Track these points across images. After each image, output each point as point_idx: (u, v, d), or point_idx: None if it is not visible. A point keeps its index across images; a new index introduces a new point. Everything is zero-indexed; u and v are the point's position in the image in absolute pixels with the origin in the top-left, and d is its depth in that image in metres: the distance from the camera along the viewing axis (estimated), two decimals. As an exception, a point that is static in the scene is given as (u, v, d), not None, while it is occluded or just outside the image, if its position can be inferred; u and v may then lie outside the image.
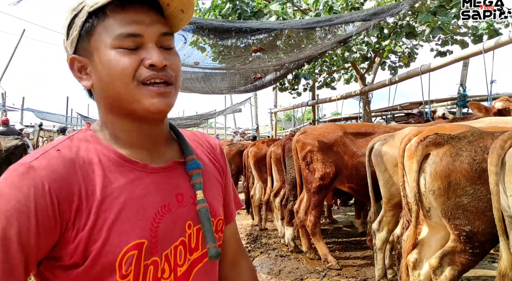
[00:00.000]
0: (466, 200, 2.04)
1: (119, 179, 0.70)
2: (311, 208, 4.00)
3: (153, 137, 0.78)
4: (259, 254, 4.59)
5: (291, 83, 8.11)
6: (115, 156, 0.72)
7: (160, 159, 0.78)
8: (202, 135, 0.97)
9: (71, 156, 0.68)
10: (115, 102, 0.72)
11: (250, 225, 6.21)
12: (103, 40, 0.70)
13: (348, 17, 3.80)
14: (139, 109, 0.71)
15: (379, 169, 3.15)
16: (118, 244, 0.66)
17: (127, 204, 0.69)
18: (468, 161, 2.04)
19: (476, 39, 4.87)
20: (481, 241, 2.05)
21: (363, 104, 7.03)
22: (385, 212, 3.18)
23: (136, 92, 0.70)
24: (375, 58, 6.56)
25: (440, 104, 7.81)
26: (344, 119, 11.50)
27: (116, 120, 0.75)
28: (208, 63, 5.39)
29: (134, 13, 0.69)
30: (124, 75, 0.69)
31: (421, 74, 4.75)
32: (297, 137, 4.14)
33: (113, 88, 0.70)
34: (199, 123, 20.08)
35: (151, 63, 0.69)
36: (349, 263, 4.10)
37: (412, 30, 4.83)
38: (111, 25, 0.69)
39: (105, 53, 0.70)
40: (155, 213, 0.71)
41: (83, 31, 0.71)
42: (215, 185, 0.88)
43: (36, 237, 0.61)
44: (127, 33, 0.69)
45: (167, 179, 0.76)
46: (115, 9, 0.69)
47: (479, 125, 2.61)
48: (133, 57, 0.69)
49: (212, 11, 5.91)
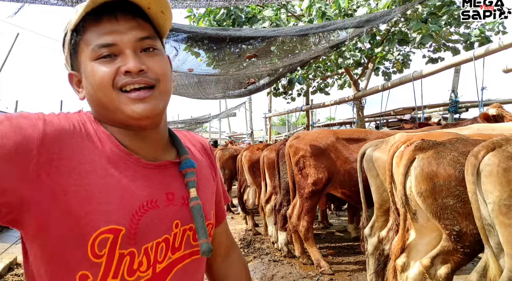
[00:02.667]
0: (452, 201, 2.11)
1: (110, 163, 0.71)
2: (304, 213, 4.00)
3: (148, 143, 0.79)
4: (253, 259, 4.58)
5: (285, 88, 8.15)
6: (111, 144, 0.73)
7: (156, 157, 0.79)
8: (192, 135, 0.98)
9: (73, 122, 0.72)
10: (103, 111, 0.75)
11: (243, 230, 6.21)
12: (85, 53, 0.73)
13: (341, 24, 3.84)
14: (122, 116, 0.73)
15: (370, 175, 3.16)
16: (94, 222, 0.66)
17: (111, 188, 0.69)
18: (452, 164, 2.13)
19: (468, 46, 4.94)
20: (471, 241, 2.10)
21: (356, 110, 7.09)
22: (376, 217, 3.19)
23: (116, 100, 0.72)
24: (368, 64, 6.62)
25: (433, 109, 7.88)
26: (338, 124, 11.55)
27: (109, 127, 0.76)
28: (202, 69, 5.40)
29: (108, 24, 0.72)
30: (103, 85, 0.71)
31: (413, 80, 4.81)
32: (290, 142, 4.16)
33: (98, 98, 0.73)
34: (193, 128, 20.06)
35: (126, 69, 0.71)
36: (341, 268, 4.11)
37: (405, 37, 4.90)
38: (89, 38, 0.72)
39: (87, 65, 0.73)
40: (139, 206, 0.72)
41: (71, 48, 0.76)
42: (209, 186, 0.89)
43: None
44: (102, 44, 0.71)
45: (158, 176, 0.77)
46: (91, 23, 0.72)
47: (467, 132, 2.67)
48: (109, 66, 0.71)
49: (206, 16, 5.94)
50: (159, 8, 0.74)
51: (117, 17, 0.72)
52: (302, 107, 9.43)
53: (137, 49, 0.73)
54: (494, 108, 3.34)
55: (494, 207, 1.78)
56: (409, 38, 4.97)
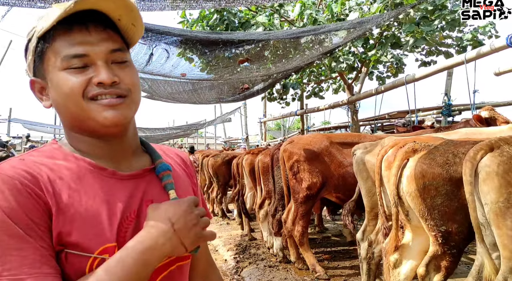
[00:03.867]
0: (439, 200, 2.16)
1: (88, 185, 0.71)
2: (299, 218, 3.99)
3: (118, 150, 0.79)
4: (248, 265, 4.55)
5: (279, 93, 8.17)
6: (83, 163, 0.74)
7: (129, 168, 0.79)
8: (169, 149, 0.98)
9: (36, 162, 0.70)
10: (72, 120, 0.75)
11: (239, 235, 6.17)
12: (52, 62, 0.72)
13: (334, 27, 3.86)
14: (94, 124, 0.73)
15: (361, 177, 3.16)
16: (89, 247, 0.67)
17: (96, 209, 0.70)
18: (441, 164, 2.19)
19: (461, 50, 4.98)
20: (456, 241, 2.16)
21: (351, 113, 7.11)
22: (368, 221, 3.18)
23: (87, 109, 0.72)
24: (361, 68, 6.65)
25: (426, 113, 7.92)
26: (333, 128, 11.58)
27: (78, 136, 0.77)
28: (196, 74, 5.40)
29: (79, 34, 0.72)
30: (74, 94, 0.71)
31: (406, 83, 4.83)
32: (284, 146, 4.15)
33: (67, 107, 0.73)
34: (189, 133, 20.01)
35: (99, 81, 0.71)
36: (337, 272, 4.08)
37: (397, 40, 4.92)
38: (58, 48, 0.71)
39: (56, 74, 0.72)
40: (123, 219, 0.72)
41: (36, 56, 0.75)
42: (188, 191, 0.88)
43: (34, 221, 0.63)
44: (73, 54, 0.71)
45: (136, 186, 0.77)
46: (61, 32, 0.71)
47: (456, 136, 2.73)
48: (80, 76, 0.71)
49: (199, 21, 5.95)
50: (130, 21, 0.75)
51: (88, 27, 0.72)
52: (296, 112, 9.45)
53: (108, 61, 0.74)
54: (486, 110, 3.37)
55: (490, 209, 1.80)
56: (401, 41, 5.00)
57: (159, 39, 3.59)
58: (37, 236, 0.63)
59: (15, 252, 0.59)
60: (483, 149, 1.88)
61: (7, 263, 0.58)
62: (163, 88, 6.50)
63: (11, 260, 0.59)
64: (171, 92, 6.79)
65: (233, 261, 4.72)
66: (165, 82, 6.17)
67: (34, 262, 0.60)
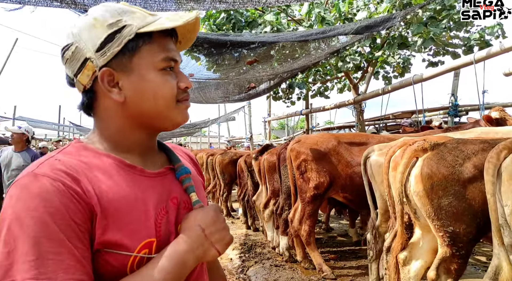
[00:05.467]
0: (447, 201, 2.14)
1: (121, 182, 0.74)
2: (306, 218, 3.99)
3: (150, 146, 0.85)
4: (254, 264, 4.55)
5: (285, 92, 8.16)
6: (114, 161, 0.76)
7: (154, 165, 0.84)
8: (178, 147, 1.03)
9: (72, 162, 0.71)
10: (151, 117, 0.79)
11: (244, 234, 6.18)
12: (147, 60, 0.77)
13: (341, 30, 3.85)
14: (170, 123, 0.81)
15: (375, 180, 3.16)
16: (130, 245, 0.70)
17: (132, 205, 0.72)
18: (450, 165, 2.17)
19: (467, 50, 4.95)
20: (464, 242, 2.14)
21: (356, 113, 7.09)
22: (380, 222, 3.18)
23: (174, 109, 0.80)
24: (368, 68, 6.63)
25: (432, 113, 7.89)
26: (338, 128, 11.55)
27: (132, 131, 0.80)
28: (203, 74, 5.41)
29: (171, 43, 0.81)
30: (169, 95, 0.78)
31: (414, 83, 4.81)
32: (291, 146, 4.15)
33: (157, 105, 0.78)
34: (192, 132, 20.02)
35: (187, 86, 0.81)
36: (344, 272, 4.08)
37: (404, 41, 4.91)
38: (157, 49, 0.77)
39: (150, 72, 0.77)
40: (156, 214, 0.76)
41: (126, 49, 0.75)
42: (202, 191, 0.95)
43: (76, 224, 0.64)
44: (171, 58, 0.79)
45: (162, 184, 0.81)
46: (161, 36, 0.79)
47: (471, 135, 2.68)
48: (173, 80, 0.80)
49: (206, 20, 5.96)
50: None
51: (178, 39, 0.85)
52: (301, 111, 9.43)
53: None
54: (496, 111, 3.34)
55: None
56: (409, 42, 4.98)
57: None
58: (76, 239, 0.64)
59: (52, 256, 0.60)
60: (507, 148, 1.84)
61: (43, 266, 0.59)
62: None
63: (48, 264, 0.59)
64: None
65: (239, 260, 4.73)
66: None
67: (69, 267, 0.61)
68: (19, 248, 0.59)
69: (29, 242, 0.59)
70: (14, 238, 0.60)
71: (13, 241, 0.60)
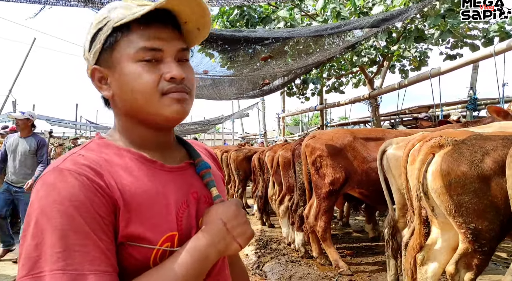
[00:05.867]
0: (467, 198, 2.10)
1: (142, 177, 0.74)
2: (321, 214, 3.97)
3: (164, 141, 0.84)
4: (269, 260, 4.57)
5: (299, 88, 8.11)
6: (135, 156, 0.77)
7: (173, 160, 0.84)
8: (197, 143, 1.03)
9: (94, 157, 0.72)
10: (135, 112, 0.78)
11: (259, 230, 6.20)
12: (125, 53, 0.75)
13: (357, 24, 3.80)
14: (159, 118, 0.76)
15: (391, 174, 3.12)
16: (153, 238, 0.71)
17: (154, 199, 0.73)
18: (468, 161, 2.12)
19: (487, 42, 4.83)
20: (487, 238, 2.09)
21: (372, 108, 7.01)
22: (398, 218, 3.15)
23: (158, 102, 0.75)
24: (383, 62, 6.53)
25: (450, 107, 7.73)
26: (352, 123, 11.44)
27: (133, 127, 0.80)
28: (217, 71, 5.42)
29: (155, 30, 0.75)
30: (147, 88, 0.74)
31: (431, 77, 4.73)
32: (306, 141, 4.13)
33: (136, 99, 0.75)
34: (206, 129, 20.11)
35: (172, 76, 0.74)
36: (360, 268, 4.06)
37: (421, 34, 4.81)
38: (134, 40, 0.74)
39: (127, 65, 0.75)
40: (177, 208, 0.77)
41: (106, 44, 0.76)
42: (222, 186, 0.95)
43: (100, 217, 0.65)
44: (149, 47, 0.74)
45: (182, 178, 0.82)
46: (139, 25, 0.74)
47: (489, 130, 2.62)
48: (154, 71, 0.74)
49: (220, 17, 5.96)
50: (196, 25, 0.79)
51: (166, 25, 0.76)
52: (316, 107, 9.37)
53: (176, 58, 0.77)
54: (515, 105, 3.25)
55: None
56: (426, 35, 4.88)
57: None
58: (101, 232, 0.65)
59: (78, 248, 0.61)
60: None
61: (70, 257, 0.60)
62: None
63: (74, 255, 0.61)
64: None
65: (255, 256, 4.74)
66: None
67: (94, 259, 0.62)
68: (46, 240, 0.61)
69: (56, 235, 0.61)
70: (41, 231, 0.61)
71: (40, 233, 0.61)
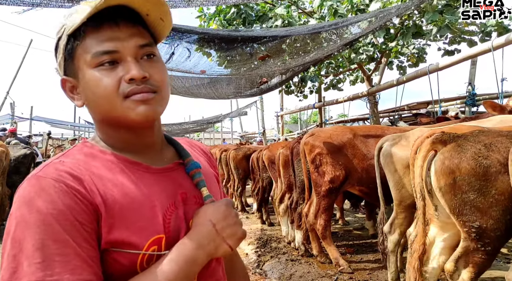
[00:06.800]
0: (472, 196, 2.05)
1: (125, 180, 0.72)
2: (321, 212, 3.96)
3: (147, 142, 0.80)
4: (269, 259, 4.55)
5: (297, 86, 8.09)
6: (118, 159, 0.75)
7: (160, 161, 0.81)
8: (190, 140, 1.01)
9: (75, 163, 0.70)
10: (105, 118, 0.76)
11: (259, 229, 6.18)
12: (83, 60, 0.72)
13: (354, 20, 3.78)
14: (127, 121, 0.73)
15: (388, 170, 3.10)
16: (138, 242, 0.69)
17: (139, 202, 0.71)
18: (473, 158, 2.06)
19: (485, 37, 4.81)
20: (491, 238, 2.04)
21: (370, 105, 6.99)
22: (396, 214, 3.13)
23: (121, 106, 0.72)
24: (381, 59, 6.52)
25: (449, 103, 7.73)
26: (351, 120, 11.43)
27: (110, 131, 0.78)
28: (215, 71, 5.40)
29: (109, 31, 0.71)
30: (108, 93, 0.71)
31: (429, 73, 4.71)
32: (305, 139, 4.11)
33: (100, 105, 0.73)
34: (205, 128, 20.11)
35: (130, 77, 0.70)
36: (361, 266, 4.05)
37: (419, 30, 4.79)
38: (89, 45, 0.71)
39: (87, 72, 0.72)
40: (165, 210, 0.74)
41: (66, 54, 0.74)
42: (215, 187, 0.91)
43: (80, 223, 0.64)
44: (103, 51, 0.70)
45: (170, 179, 0.79)
46: (91, 29, 0.71)
47: (489, 124, 2.58)
48: (112, 74, 0.71)
49: (217, 15, 5.93)
50: (158, 15, 0.75)
51: (118, 23, 0.72)
52: (314, 104, 9.36)
53: (138, 56, 0.73)
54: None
55: None
56: (423, 31, 4.86)
57: (180, 38, 3.59)
58: (82, 239, 0.63)
59: (58, 258, 0.60)
60: None
61: (49, 268, 0.59)
62: (180, 82, 6.54)
63: (54, 265, 0.59)
64: (188, 87, 6.82)
65: (255, 255, 4.73)
66: (183, 77, 6.20)
67: (75, 268, 0.60)
68: (24, 250, 0.59)
69: (34, 244, 0.59)
70: (19, 241, 0.60)
71: (18, 244, 0.60)
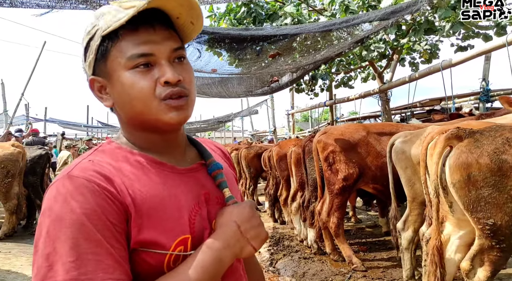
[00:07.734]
0: (487, 192, 2.03)
1: (153, 180, 0.73)
2: (334, 210, 3.95)
3: (172, 144, 0.82)
4: (282, 257, 4.56)
5: (308, 84, 8.06)
6: (144, 160, 0.76)
7: (184, 161, 0.82)
8: (211, 142, 1.02)
9: (104, 163, 0.71)
10: (136, 119, 0.76)
11: (271, 227, 6.19)
12: (118, 62, 0.73)
13: (366, 18, 3.75)
14: (159, 123, 0.75)
15: (400, 167, 3.09)
16: (165, 242, 0.70)
17: (165, 203, 0.72)
18: (488, 153, 2.04)
19: (500, 30, 4.74)
20: (506, 235, 2.02)
21: (382, 103, 6.94)
22: (410, 211, 3.12)
23: (156, 109, 0.73)
24: (393, 56, 6.46)
25: (462, 99, 7.62)
26: (362, 118, 11.35)
27: (137, 133, 0.79)
28: (226, 69, 5.42)
29: (145, 34, 0.72)
30: (143, 95, 0.72)
31: (442, 69, 4.66)
32: (318, 137, 4.10)
33: (133, 107, 0.74)
34: (216, 127, 20.18)
35: (166, 80, 0.72)
36: (374, 264, 4.03)
37: (431, 26, 4.74)
38: (124, 47, 0.72)
39: (122, 74, 0.73)
40: (190, 211, 0.75)
41: (99, 54, 0.75)
42: (235, 185, 0.93)
43: (112, 223, 0.65)
44: (140, 54, 0.72)
45: (194, 179, 0.80)
46: (127, 31, 0.72)
47: (505, 121, 2.55)
48: (148, 77, 0.72)
49: (227, 15, 5.95)
50: (189, 19, 0.76)
51: (154, 26, 0.73)
52: (325, 102, 9.32)
53: (171, 59, 0.75)
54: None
55: None
56: (436, 27, 4.81)
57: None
58: (113, 239, 0.64)
59: (91, 256, 0.61)
60: None
61: (83, 266, 0.60)
62: (192, 81, 6.56)
63: (87, 264, 0.60)
64: (200, 85, 6.84)
65: (267, 253, 4.75)
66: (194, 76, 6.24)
67: (108, 267, 0.61)
68: (58, 250, 0.60)
69: (68, 244, 0.60)
70: (53, 240, 0.61)
71: (52, 243, 0.61)
